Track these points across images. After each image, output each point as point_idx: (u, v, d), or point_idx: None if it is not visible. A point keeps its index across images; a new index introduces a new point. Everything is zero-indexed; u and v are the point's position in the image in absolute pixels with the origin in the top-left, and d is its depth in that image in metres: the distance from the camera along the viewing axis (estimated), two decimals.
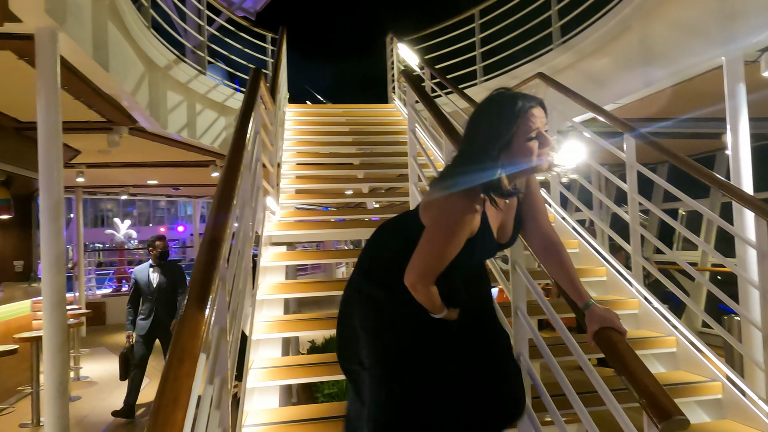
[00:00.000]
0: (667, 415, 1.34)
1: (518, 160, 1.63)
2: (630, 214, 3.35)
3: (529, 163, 1.63)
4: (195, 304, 1.53)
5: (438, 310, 1.77)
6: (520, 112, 1.61)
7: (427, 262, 1.69)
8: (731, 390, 2.70)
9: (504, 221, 1.82)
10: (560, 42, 5.93)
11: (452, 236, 1.65)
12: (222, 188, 2.14)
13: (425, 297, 1.72)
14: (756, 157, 4.04)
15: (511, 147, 1.62)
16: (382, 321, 1.85)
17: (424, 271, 1.69)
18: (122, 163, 8.26)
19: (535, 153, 1.62)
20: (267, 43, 8.31)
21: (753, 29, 3.71)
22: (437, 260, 1.68)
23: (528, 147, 1.61)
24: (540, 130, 1.62)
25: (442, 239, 1.67)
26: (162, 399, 1.20)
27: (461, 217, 1.63)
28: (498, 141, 1.62)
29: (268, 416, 2.46)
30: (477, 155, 1.66)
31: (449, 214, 1.65)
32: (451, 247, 1.67)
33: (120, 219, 25.46)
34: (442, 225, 1.67)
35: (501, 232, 1.82)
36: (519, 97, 1.64)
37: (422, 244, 1.69)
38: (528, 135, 1.61)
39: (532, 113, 1.62)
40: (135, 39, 4.80)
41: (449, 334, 1.81)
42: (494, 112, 1.67)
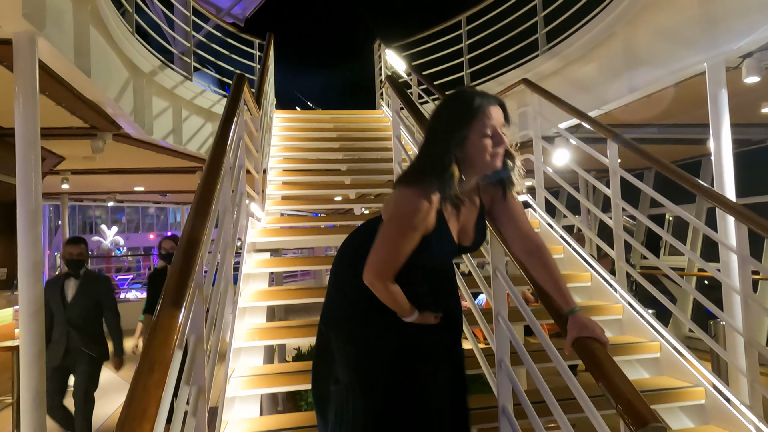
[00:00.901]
0: (644, 421, 1.32)
1: (472, 157, 1.66)
2: (614, 219, 3.36)
3: (483, 161, 1.66)
4: (167, 311, 1.50)
5: (406, 312, 1.76)
6: (477, 110, 1.64)
7: (381, 258, 1.70)
8: (714, 395, 2.70)
9: (465, 223, 1.81)
10: (546, 48, 5.96)
11: (405, 231, 1.66)
12: (200, 193, 2.11)
13: (386, 296, 1.73)
14: (739, 162, 4.07)
15: (467, 143, 1.65)
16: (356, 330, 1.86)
17: (380, 267, 1.70)
18: (108, 169, 8.19)
19: (489, 151, 1.65)
20: (255, 49, 8.30)
21: (734, 36, 3.74)
22: (391, 255, 1.69)
23: (482, 144, 1.64)
24: (496, 129, 1.65)
25: (395, 234, 1.68)
26: (129, 411, 1.17)
27: (413, 211, 1.64)
28: (454, 136, 1.64)
29: (248, 425, 2.43)
30: (433, 151, 1.68)
31: (402, 209, 1.67)
32: (404, 242, 1.68)
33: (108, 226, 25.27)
34: (395, 219, 1.69)
35: (462, 234, 1.82)
36: (478, 95, 1.67)
37: (377, 239, 1.71)
38: (483, 132, 1.64)
39: (490, 112, 1.65)
40: (119, 44, 4.76)
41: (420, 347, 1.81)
42: (453, 108, 1.71)
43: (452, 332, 1.91)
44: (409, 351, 1.80)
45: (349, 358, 1.83)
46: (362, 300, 1.79)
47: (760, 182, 7.58)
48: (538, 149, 4.08)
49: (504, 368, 2.20)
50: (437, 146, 1.67)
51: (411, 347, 1.81)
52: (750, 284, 2.68)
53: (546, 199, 4.11)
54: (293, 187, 5.18)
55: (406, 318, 1.77)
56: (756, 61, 3.89)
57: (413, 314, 1.77)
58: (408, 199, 1.65)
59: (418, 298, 1.79)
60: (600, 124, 3.58)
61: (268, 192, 4.80)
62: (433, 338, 1.83)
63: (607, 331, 3.34)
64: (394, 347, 1.80)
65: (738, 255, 2.69)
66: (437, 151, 1.66)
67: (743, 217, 2.61)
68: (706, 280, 8.29)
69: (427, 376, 1.81)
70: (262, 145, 4.62)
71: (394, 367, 1.79)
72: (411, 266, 1.74)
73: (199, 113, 6.84)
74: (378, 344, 1.81)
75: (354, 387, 1.80)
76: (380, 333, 1.81)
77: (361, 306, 1.82)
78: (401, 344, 1.81)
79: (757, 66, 3.90)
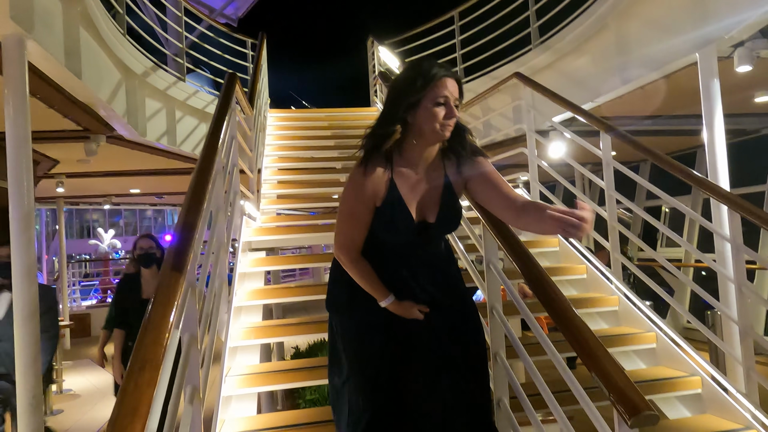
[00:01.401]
0: (637, 410, 1.32)
1: (422, 124, 1.70)
2: (608, 211, 3.36)
3: (433, 128, 1.69)
4: (158, 310, 1.49)
5: (380, 295, 1.79)
6: (433, 77, 1.67)
7: (339, 229, 1.79)
8: (711, 385, 2.71)
9: (425, 196, 1.80)
10: (539, 42, 5.95)
11: (353, 196, 1.74)
12: (192, 192, 2.10)
13: (355, 272, 1.79)
14: (733, 153, 4.08)
15: (418, 108, 1.69)
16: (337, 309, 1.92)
17: (339, 239, 1.79)
18: (103, 172, 8.16)
19: (439, 120, 1.68)
20: (247, 48, 8.28)
21: (725, 25, 3.74)
22: (347, 224, 1.77)
23: (433, 111, 1.68)
24: (449, 99, 1.69)
25: (346, 201, 1.76)
26: (120, 409, 1.17)
27: (360, 176, 1.72)
28: (407, 100, 1.69)
29: (245, 424, 2.43)
30: (385, 119, 1.74)
31: (351, 176, 1.76)
32: (355, 210, 1.75)
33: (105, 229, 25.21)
34: (345, 187, 1.77)
35: (424, 208, 1.80)
36: (435, 65, 1.71)
37: (337, 213, 1.80)
38: (436, 100, 1.68)
39: (445, 81, 1.69)
40: (110, 46, 4.74)
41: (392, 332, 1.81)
42: (409, 73, 1.75)
43: (438, 325, 1.85)
44: (393, 341, 1.81)
45: (345, 348, 1.86)
46: (345, 286, 1.85)
47: (754, 172, 7.59)
48: (532, 143, 4.08)
49: (500, 362, 2.20)
50: (391, 109, 1.73)
51: (393, 337, 1.81)
52: (744, 273, 2.68)
53: (541, 193, 4.10)
54: (289, 186, 5.17)
55: (382, 302, 1.79)
56: (747, 50, 3.89)
57: (388, 298, 1.79)
58: (357, 168, 1.75)
59: (393, 283, 1.81)
60: (593, 116, 3.58)
61: (263, 191, 4.79)
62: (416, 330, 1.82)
63: (603, 323, 3.37)
64: (380, 336, 1.81)
65: (731, 243, 2.69)
66: (390, 114, 1.72)
67: (736, 205, 2.61)
68: (703, 271, 8.31)
69: (415, 368, 1.80)
70: (256, 144, 4.61)
71: (383, 356, 1.79)
72: (378, 244, 1.79)
73: (193, 114, 6.82)
74: (365, 331, 1.83)
75: (350, 377, 1.83)
76: (363, 318, 1.84)
77: (345, 292, 1.88)
78: (386, 334, 1.81)
79: (748, 55, 3.90)
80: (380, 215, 1.76)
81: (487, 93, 5.06)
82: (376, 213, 1.76)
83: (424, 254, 1.86)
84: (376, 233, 1.79)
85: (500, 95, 5.34)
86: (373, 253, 1.81)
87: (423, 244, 1.85)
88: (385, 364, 1.78)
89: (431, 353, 1.82)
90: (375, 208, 1.76)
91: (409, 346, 1.81)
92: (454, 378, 1.81)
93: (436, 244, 1.92)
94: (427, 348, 1.82)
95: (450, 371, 1.81)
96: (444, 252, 1.95)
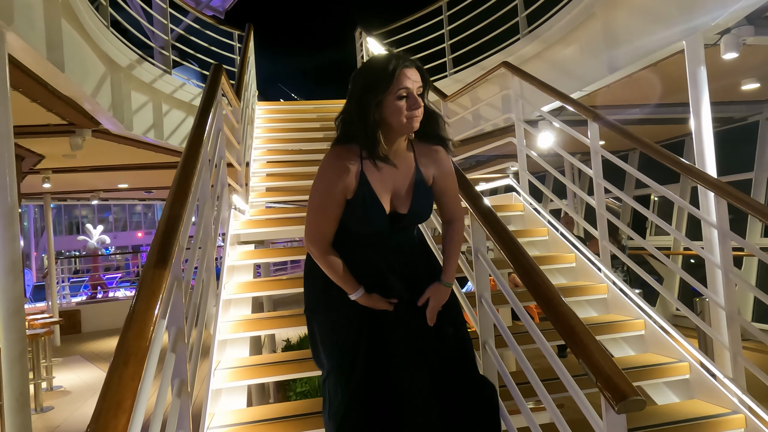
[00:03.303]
0: (623, 395, 1.32)
1: (389, 120, 1.70)
2: (596, 199, 3.37)
3: (400, 123, 1.70)
4: (142, 302, 1.48)
5: (350, 288, 1.78)
6: (390, 74, 1.67)
7: (310, 220, 1.80)
8: (698, 370, 2.73)
9: (397, 188, 1.81)
10: (527, 31, 5.94)
11: (323, 189, 1.75)
12: (177, 184, 2.08)
13: (326, 265, 1.79)
14: (721, 140, 4.10)
15: (383, 105, 1.69)
16: (312, 304, 1.92)
17: (311, 232, 1.79)
18: (89, 167, 8.09)
19: (404, 113, 1.69)
20: (235, 41, 8.20)
21: (711, 12, 3.75)
22: (318, 217, 1.78)
23: (397, 105, 1.68)
24: (411, 90, 1.69)
25: (315, 193, 1.77)
26: (104, 403, 1.15)
27: (330, 169, 1.74)
28: (370, 98, 1.69)
29: (235, 417, 2.41)
30: (351, 115, 1.74)
31: (321, 169, 1.76)
32: (325, 201, 1.75)
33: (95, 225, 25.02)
34: (315, 180, 1.78)
35: (396, 199, 1.81)
36: (393, 58, 1.71)
37: (307, 205, 1.80)
38: (398, 94, 1.68)
39: (405, 73, 1.68)
40: (93, 38, 4.68)
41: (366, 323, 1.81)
42: (369, 70, 1.75)
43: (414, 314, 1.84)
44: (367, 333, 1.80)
45: (322, 342, 1.87)
46: (319, 280, 1.85)
47: (742, 160, 7.65)
48: (521, 133, 4.07)
49: (489, 350, 2.20)
50: (355, 108, 1.73)
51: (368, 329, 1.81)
52: (730, 259, 2.69)
53: (531, 183, 4.10)
54: (278, 179, 5.14)
55: (352, 295, 1.79)
56: (734, 37, 3.90)
57: (358, 291, 1.78)
58: (327, 160, 1.76)
59: (367, 272, 1.81)
60: (581, 105, 3.58)
61: (252, 184, 4.76)
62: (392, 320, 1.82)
63: (592, 311, 3.38)
64: (354, 329, 1.81)
65: (718, 230, 2.70)
66: (356, 114, 1.72)
67: (722, 192, 2.62)
68: (692, 259, 8.37)
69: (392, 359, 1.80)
70: (244, 137, 4.58)
71: (358, 349, 1.79)
72: (350, 236, 1.80)
73: (180, 107, 6.76)
74: (340, 325, 1.82)
75: (329, 370, 1.84)
76: (338, 312, 1.84)
77: (319, 287, 1.88)
78: (361, 326, 1.81)
79: (734, 42, 3.91)
80: (352, 208, 1.76)
81: (475, 83, 5.04)
82: (347, 205, 1.76)
83: (395, 243, 1.86)
84: (348, 225, 1.79)
85: (489, 85, 5.33)
86: (345, 244, 1.81)
87: (394, 233, 1.86)
88: (361, 356, 1.77)
89: (407, 343, 1.81)
90: (346, 201, 1.76)
91: (385, 337, 1.80)
92: (432, 367, 1.81)
93: (409, 231, 1.93)
94: (403, 338, 1.81)
95: (427, 360, 1.81)
96: (416, 238, 1.96)
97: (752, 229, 7.33)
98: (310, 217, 1.80)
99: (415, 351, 1.81)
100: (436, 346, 1.83)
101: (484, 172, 7.26)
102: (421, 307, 1.84)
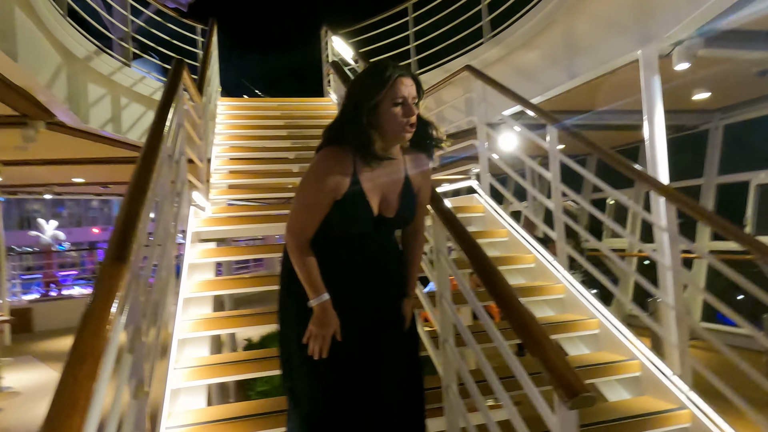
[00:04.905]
0: (575, 392, 1.38)
1: (383, 125, 1.75)
2: (553, 202, 3.45)
3: (394, 128, 1.75)
4: (99, 300, 1.45)
5: (314, 292, 1.78)
6: (389, 78, 1.73)
7: (295, 216, 1.81)
8: (648, 368, 2.83)
9: (387, 192, 1.85)
10: (490, 36, 6.04)
11: (315, 188, 1.76)
12: (135, 180, 2.05)
13: (300, 261, 1.79)
14: (674, 147, 4.26)
15: (378, 110, 1.74)
16: (283, 304, 1.95)
17: (295, 227, 1.80)
18: (43, 160, 7.81)
19: (398, 119, 1.74)
20: (197, 35, 8.06)
21: (665, 24, 3.89)
22: (304, 214, 1.79)
23: (392, 112, 1.73)
24: (406, 98, 1.74)
25: (305, 190, 1.79)
26: (58, 403, 1.13)
27: (323, 169, 1.76)
28: (366, 103, 1.74)
29: (193, 417, 2.39)
30: (347, 116, 1.79)
31: (314, 167, 1.79)
32: (315, 199, 1.77)
33: (47, 220, 24.14)
34: (306, 177, 1.80)
35: (384, 204, 1.85)
36: (391, 66, 1.76)
37: (293, 199, 1.83)
38: (394, 101, 1.73)
39: (401, 81, 1.74)
40: (49, 28, 4.53)
41: None
42: (367, 76, 1.80)
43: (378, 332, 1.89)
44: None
45: (290, 337, 1.88)
46: (283, 276, 1.90)
47: (693, 166, 7.95)
48: (482, 135, 4.14)
49: (449, 349, 2.24)
50: (352, 112, 1.77)
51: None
52: (679, 260, 2.80)
53: (492, 187, 4.18)
54: (240, 176, 5.08)
55: (313, 300, 1.78)
56: (685, 49, 4.06)
57: (320, 297, 1.78)
58: (321, 160, 1.78)
59: (346, 271, 1.84)
60: (540, 110, 3.66)
61: (214, 181, 4.70)
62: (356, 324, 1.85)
63: (549, 310, 3.47)
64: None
65: (669, 233, 2.81)
66: (352, 117, 1.76)
67: (672, 197, 2.73)
68: (646, 260, 8.65)
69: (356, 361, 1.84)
70: (206, 133, 4.51)
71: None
72: (333, 235, 1.81)
73: (139, 101, 6.60)
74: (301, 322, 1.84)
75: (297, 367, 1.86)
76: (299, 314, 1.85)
77: (284, 284, 1.92)
78: None
79: (686, 53, 4.07)
80: (340, 208, 1.78)
81: (439, 85, 5.10)
82: (335, 205, 1.78)
83: (377, 246, 1.91)
84: (332, 224, 1.80)
85: (453, 87, 5.40)
86: (326, 242, 1.82)
87: (377, 236, 1.90)
88: (327, 359, 1.79)
89: (369, 347, 1.86)
90: (334, 201, 1.77)
91: (351, 340, 1.83)
92: (391, 372, 1.87)
93: (391, 236, 1.99)
94: (365, 341, 1.86)
95: (387, 367, 1.87)
96: (396, 243, 2.02)
97: (703, 232, 7.62)
98: (297, 213, 1.82)
99: (376, 357, 1.85)
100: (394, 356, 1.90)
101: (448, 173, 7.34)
102: (385, 319, 1.90)
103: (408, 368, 1.94)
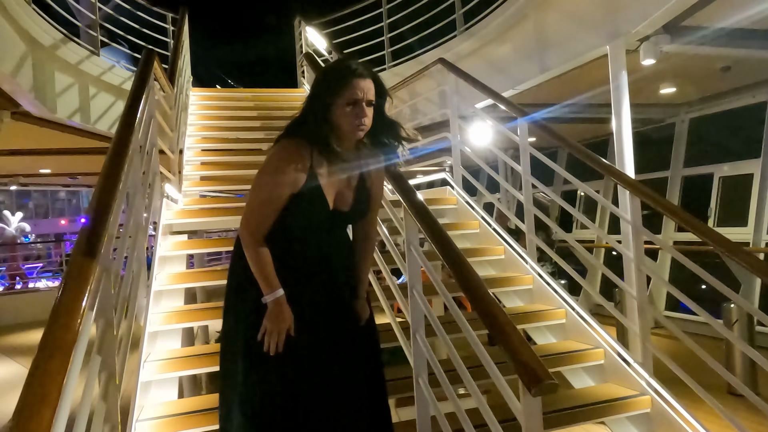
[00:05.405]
0: (538, 379, 1.43)
1: (338, 123, 1.79)
2: (523, 194, 3.52)
3: (346, 127, 1.78)
4: (69, 293, 1.45)
5: (268, 287, 1.78)
6: (343, 79, 1.76)
7: (250, 210, 1.81)
8: (612, 356, 2.93)
9: (342, 188, 1.89)
10: (463, 29, 6.08)
11: (271, 182, 1.78)
12: (106, 173, 2.03)
13: (255, 256, 1.79)
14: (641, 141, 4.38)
15: (333, 109, 1.78)
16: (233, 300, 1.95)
17: (251, 222, 1.80)
18: (8, 150, 7.61)
19: (350, 120, 1.77)
20: (168, 23, 7.91)
21: (633, 20, 3.99)
22: (261, 208, 1.79)
23: (345, 112, 1.77)
24: (359, 100, 1.76)
25: (261, 184, 1.80)
26: (28, 397, 1.13)
27: (279, 162, 1.78)
28: (323, 100, 1.78)
29: (165, 409, 2.39)
30: (306, 112, 1.83)
31: (270, 160, 1.81)
32: (271, 194, 1.78)
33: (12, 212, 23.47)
34: (263, 170, 1.81)
35: (339, 198, 1.89)
36: (352, 66, 1.79)
37: (249, 192, 1.83)
38: (347, 101, 1.76)
39: (358, 83, 1.76)
40: (12, 14, 4.42)
41: None
42: (326, 75, 1.85)
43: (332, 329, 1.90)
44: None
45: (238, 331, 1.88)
46: (239, 271, 1.88)
47: (660, 159, 8.15)
48: (455, 128, 4.19)
49: (419, 339, 2.28)
50: (311, 109, 1.81)
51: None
52: (642, 251, 2.90)
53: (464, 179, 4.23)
54: (213, 168, 5.04)
55: (267, 295, 1.78)
56: (652, 45, 4.16)
57: (275, 293, 1.77)
58: (277, 154, 1.80)
59: (300, 264, 1.85)
60: (511, 103, 3.72)
61: (186, 173, 4.65)
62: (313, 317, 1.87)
63: (518, 300, 3.54)
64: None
65: (631, 225, 2.90)
66: (310, 112, 1.80)
67: (636, 190, 2.82)
68: (614, 251, 8.86)
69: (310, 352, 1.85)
70: (178, 124, 4.46)
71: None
72: (288, 228, 1.82)
73: (108, 90, 6.46)
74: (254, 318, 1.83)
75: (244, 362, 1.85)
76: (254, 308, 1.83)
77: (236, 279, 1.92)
78: None
79: (653, 49, 4.17)
80: (296, 202, 1.79)
81: (413, 77, 5.12)
82: (291, 199, 1.79)
83: (331, 239, 1.94)
84: (287, 218, 1.82)
85: (426, 80, 5.43)
86: (283, 236, 1.83)
87: (332, 230, 1.94)
88: (281, 356, 1.79)
89: (324, 342, 1.88)
90: (291, 195, 1.79)
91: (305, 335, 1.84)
92: (346, 366, 1.90)
93: (345, 231, 2.04)
94: (320, 336, 1.88)
95: (342, 361, 1.89)
96: (349, 239, 2.06)
97: (669, 224, 7.83)
98: (253, 208, 1.81)
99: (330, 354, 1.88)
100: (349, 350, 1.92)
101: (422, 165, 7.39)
102: (340, 313, 1.93)
103: (366, 361, 1.96)
